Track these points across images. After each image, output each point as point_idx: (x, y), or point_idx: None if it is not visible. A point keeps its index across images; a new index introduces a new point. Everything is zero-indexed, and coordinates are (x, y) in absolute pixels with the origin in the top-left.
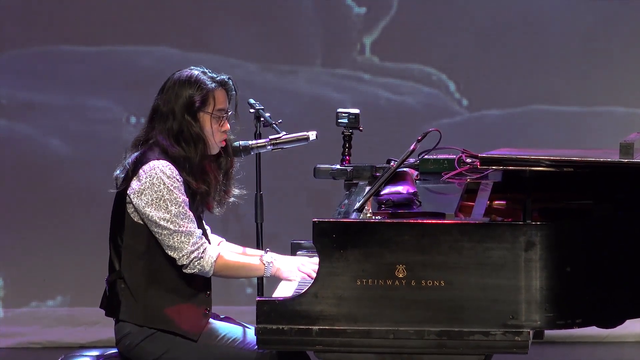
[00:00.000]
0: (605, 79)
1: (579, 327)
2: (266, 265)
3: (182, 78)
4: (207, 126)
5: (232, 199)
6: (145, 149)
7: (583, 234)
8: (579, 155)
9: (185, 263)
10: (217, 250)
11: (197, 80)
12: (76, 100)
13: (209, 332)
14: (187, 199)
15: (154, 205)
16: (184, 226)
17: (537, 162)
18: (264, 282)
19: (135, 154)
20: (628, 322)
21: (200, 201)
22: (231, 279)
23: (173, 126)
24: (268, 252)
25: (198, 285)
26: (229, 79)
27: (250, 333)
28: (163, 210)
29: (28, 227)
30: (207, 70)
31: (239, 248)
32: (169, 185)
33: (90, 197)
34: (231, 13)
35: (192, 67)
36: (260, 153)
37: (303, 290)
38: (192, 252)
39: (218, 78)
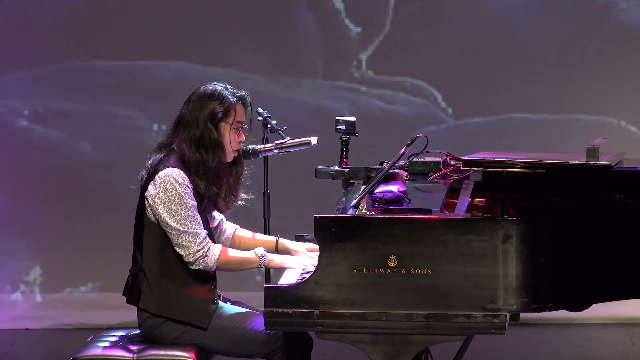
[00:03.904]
0: (575, 90)
1: (550, 311)
2: (260, 257)
3: (208, 91)
4: (226, 136)
5: (240, 202)
6: (166, 153)
7: (553, 229)
8: (550, 158)
9: (191, 260)
10: (220, 248)
11: (221, 95)
12: (104, 109)
13: (221, 315)
14: (196, 203)
15: (166, 208)
16: (191, 228)
17: (513, 164)
18: (271, 270)
19: (157, 157)
20: (594, 306)
21: (208, 202)
22: (232, 271)
23: (196, 133)
24: (278, 237)
25: (205, 280)
26: (247, 95)
27: (259, 316)
28: (174, 213)
29: (62, 222)
30: (228, 86)
31: (249, 233)
32: (180, 192)
33: (116, 195)
34: (243, 32)
35: (215, 83)
36: (267, 156)
37: (305, 278)
38: (198, 251)
39: (238, 94)
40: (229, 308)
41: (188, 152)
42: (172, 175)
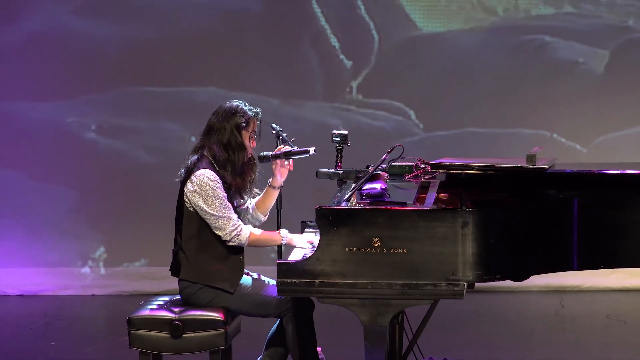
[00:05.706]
0: (517, 110)
1: (498, 281)
2: (283, 236)
3: (232, 106)
4: (246, 141)
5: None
6: (199, 157)
7: (501, 217)
8: (498, 162)
9: (228, 239)
10: (249, 229)
11: (242, 109)
12: (154, 124)
13: (244, 284)
14: (226, 195)
15: (203, 200)
16: (225, 213)
17: (470, 167)
18: (282, 250)
19: (193, 158)
20: (532, 277)
21: (234, 192)
22: (259, 247)
23: (224, 138)
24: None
25: (233, 253)
26: (260, 111)
27: (272, 285)
28: (210, 203)
29: (122, 212)
30: (246, 103)
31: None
32: (213, 186)
33: (164, 191)
34: (261, 64)
35: (236, 100)
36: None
37: (309, 255)
38: (232, 231)
39: (254, 110)
40: (250, 279)
41: (218, 152)
42: (205, 174)
